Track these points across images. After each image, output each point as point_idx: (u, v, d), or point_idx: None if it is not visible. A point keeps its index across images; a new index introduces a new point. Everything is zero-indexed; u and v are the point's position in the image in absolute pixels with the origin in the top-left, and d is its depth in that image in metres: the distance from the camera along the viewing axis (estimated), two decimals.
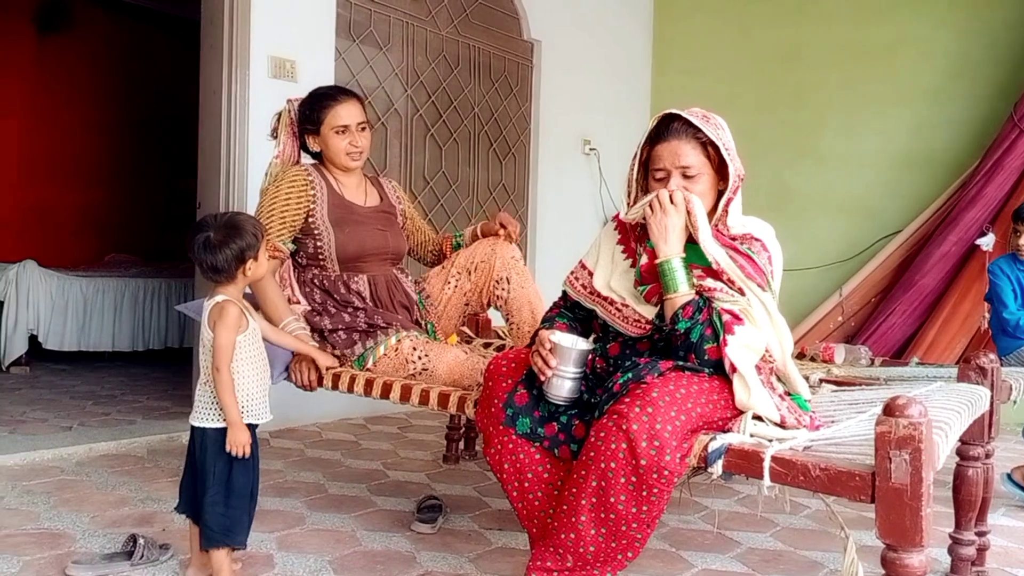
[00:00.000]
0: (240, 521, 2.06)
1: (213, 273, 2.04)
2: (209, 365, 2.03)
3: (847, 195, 5.64)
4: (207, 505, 2.02)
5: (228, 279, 2.05)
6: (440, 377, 2.37)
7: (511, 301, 2.59)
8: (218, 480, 2.03)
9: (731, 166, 1.85)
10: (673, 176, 1.87)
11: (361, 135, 2.61)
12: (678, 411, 1.63)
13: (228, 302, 2.03)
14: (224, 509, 2.03)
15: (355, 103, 2.62)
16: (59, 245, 7.20)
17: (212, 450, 2.03)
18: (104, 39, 7.63)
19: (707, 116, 1.88)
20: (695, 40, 6.30)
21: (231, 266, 2.03)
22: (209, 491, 2.02)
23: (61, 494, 2.87)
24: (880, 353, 4.28)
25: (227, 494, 2.03)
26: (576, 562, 1.72)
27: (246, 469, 2.07)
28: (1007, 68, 5.12)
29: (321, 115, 2.59)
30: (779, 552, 2.55)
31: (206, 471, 2.03)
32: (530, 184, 5.53)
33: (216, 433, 2.04)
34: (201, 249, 2.01)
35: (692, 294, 1.81)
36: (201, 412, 2.06)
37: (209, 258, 2.01)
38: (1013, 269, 3.57)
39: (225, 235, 2.02)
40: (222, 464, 2.04)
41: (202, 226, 2.05)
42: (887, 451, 1.37)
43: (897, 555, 1.39)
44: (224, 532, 2.03)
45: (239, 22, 3.83)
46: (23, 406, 4.28)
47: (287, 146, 2.67)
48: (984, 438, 2.22)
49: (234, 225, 2.05)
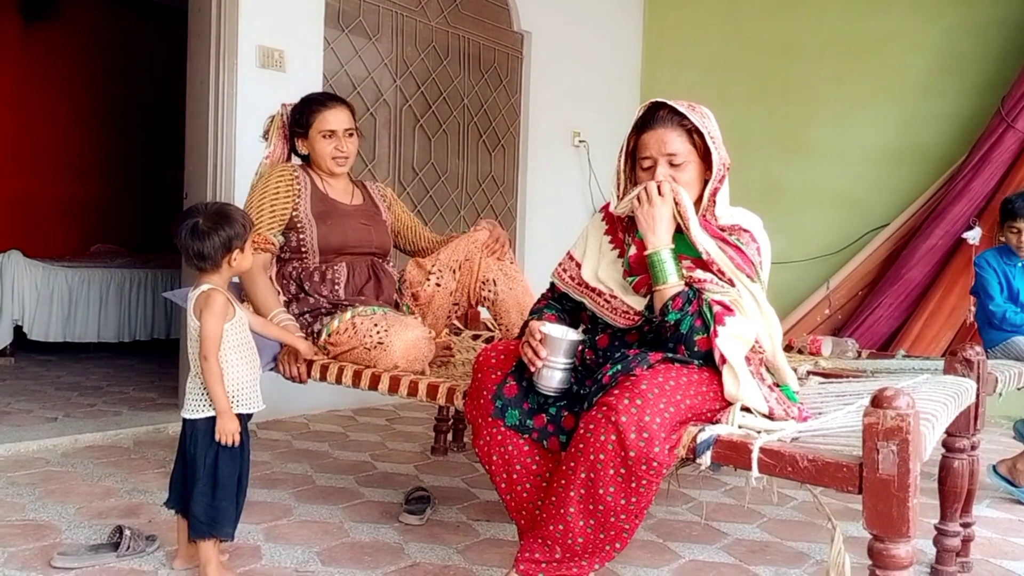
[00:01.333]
0: (227, 512, 2.05)
1: (198, 260, 2.03)
2: (197, 355, 2.02)
3: (835, 188, 5.65)
4: (195, 496, 2.01)
5: (213, 267, 2.04)
6: (394, 353, 2.35)
7: (499, 303, 2.61)
8: (206, 471, 2.02)
9: (715, 155, 1.84)
10: (660, 164, 1.87)
11: (348, 140, 2.67)
12: (667, 403, 1.63)
13: (214, 290, 2.02)
14: (211, 500, 2.02)
15: (344, 110, 2.68)
16: (44, 235, 7.14)
17: (202, 441, 2.03)
18: (91, 28, 7.55)
19: (693, 106, 1.88)
20: (685, 32, 6.30)
21: (217, 254, 2.02)
22: (198, 482, 2.02)
23: (46, 485, 2.85)
24: (867, 346, 4.31)
25: (214, 485, 2.03)
26: (564, 553, 1.72)
27: (233, 459, 2.06)
28: (995, 63, 5.14)
29: (310, 119, 2.64)
30: (766, 543, 2.56)
31: (196, 462, 2.03)
32: (519, 176, 5.52)
33: (205, 423, 2.03)
34: (188, 235, 2.01)
35: (681, 285, 1.80)
36: (191, 403, 2.05)
37: (196, 244, 2.01)
38: (999, 262, 3.59)
39: (214, 223, 2.02)
40: (211, 455, 2.03)
41: (191, 213, 2.05)
42: (875, 442, 1.38)
43: (884, 546, 1.40)
44: (211, 523, 2.02)
45: (227, 11, 3.79)
46: (8, 397, 4.25)
47: (277, 148, 2.73)
48: (970, 430, 2.24)
49: (223, 214, 2.05)
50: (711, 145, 1.84)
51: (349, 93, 4.37)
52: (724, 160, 1.87)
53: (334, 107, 2.65)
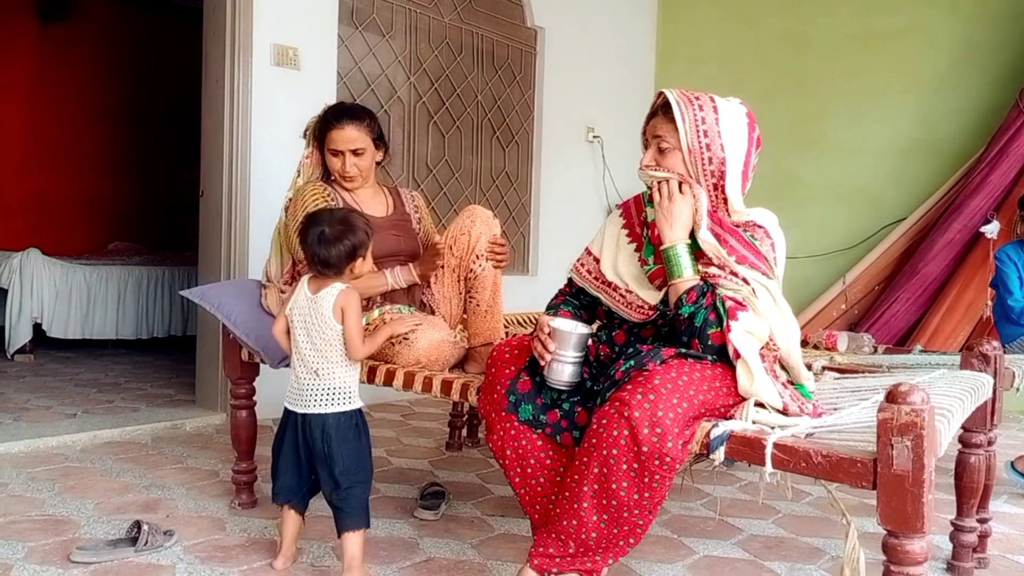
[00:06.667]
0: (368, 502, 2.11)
1: (323, 267, 2.07)
2: (329, 353, 2.06)
3: (852, 183, 5.62)
4: (342, 490, 2.04)
5: (336, 274, 2.09)
6: (418, 350, 2.34)
7: (480, 278, 2.53)
8: (348, 463, 2.06)
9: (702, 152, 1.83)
10: (650, 147, 1.90)
11: (356, 159, 2.64)
12: (680, 398, 1.63)
13: (351, 289, 2.09)
14: (362, 490, 2.07)
15: (354, 128, 2.63)
16: (63, 233, 7.21)
17: (338, 435, 2.06)
18: (107, 26, 7.61)
19: (693, 98, 1.86)
20: (699, 28, 6.28)
21: (342, 262, 2.07)
22: (343, 475, 2.04)
23: (65, 481, 2.88)
24: (883, 341, 4.28)
25: (364, 475, 2.09)
26: (578, 548, 1.73)
27: (367, 453, 2.12)
28: (1013, 55, 5.09)
29: (323, 134, 2.66)
30: (781, 539, 2.56)
31: (332, 457, 2.05)
32: (533, 172, 5.52)
33: (342, 417, 2.07)
34: (316, 242, 2.05)
35: (696, 279, 1.81)
36: (321, 399, 2.07)
37: (323, 251, 2.05)
38: (1020, 255, 3.56)
39: (340, 231, 2.06)
40: (350, 447, 2.07)
41: (317, 220, 2.09)
42: (889, 438, 1.37)
43: (898, 541, 1.39)
44: (364, 511, 2.07)
45: (241, 9, 3.81)
46: (27, 394, 4.29)
47: (315, 150, 2.73)
48: (986, 425, 2.22)
49: (349, 223, 2.09)
50: (699, 140, 1.83)
51: (363, 91, 4.39)
52: (719, 156, 1.84)
53: (343, 125, 2.61)
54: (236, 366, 2.68)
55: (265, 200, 3.84)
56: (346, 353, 2.08)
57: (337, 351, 2.07)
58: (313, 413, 2.07)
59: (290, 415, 2.12)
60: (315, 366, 2.07)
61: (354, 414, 2.10)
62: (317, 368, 2.07)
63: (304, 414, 2.08)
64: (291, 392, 2.12)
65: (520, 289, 4.74)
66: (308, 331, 2.08)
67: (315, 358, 2.07)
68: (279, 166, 3.81)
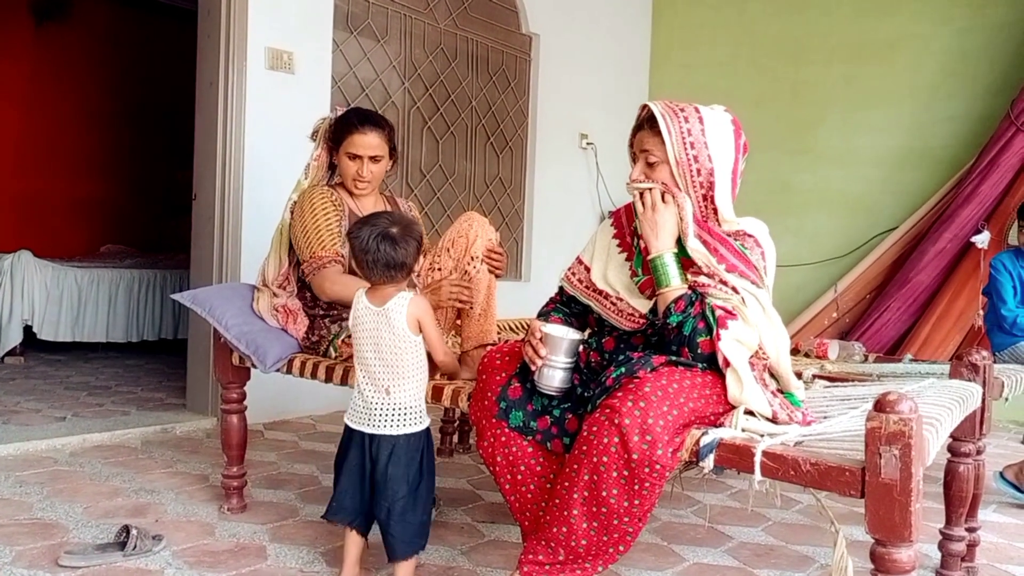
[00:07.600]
0: (428, 525, 2.04)
1: (392, 269, 1.94)
2: (402, 368, 1.96)
3: (844, 191, 5.64)
4: (400, 514, 1.97)
5: (404, 275, 1.97)
6: None
7: (475, 280, 2.52)
8: (410, 487, 1.98)
9: (690, 163, 1.84)
10: (639, 162, 1.91)
11: (373, 165, 2.67)
12: (670, 406, 1.63)
13: (420, 296, 2.01)
14: (421, 516, 1.99)
15: (376, 134, 2.66)
16: (54, 235, 7.18)
17: (405, 458, 1.98)
18: (102, 28, 7.60)
19: (678, 109, 1.86)
20: (694, 35, 6.30)
21: (412, 260, 1.96)
22: (401, 500, 1.97)
23: (54, 484, 2.87)
24: (874, 350, 4.30)
25: (421, 500, 2.00)
26: (568, 555, 1.73)
27: (432, 473, 2.04)
28: (1005, 66, 5.12)
29: (342, 136, 2.66)
30: (770, 546, 2.56)
31: (396, 479, 1.97)
32: (527, 178, 5.53)
33: (412, 439, 1.99)
34: (384, 244, 1.92)
35: (684, 288, 1.81)
36: (392, 420, 1.98)
37: (390, 251, 1.92)
38: (1015, 265, 3.56)
39: (404, 229, 1.95)
40: (414, 470, 1.99)
41: (373, 223, 1.97)
42: (877, 447, 1.38)
43: (886, 550, 1.40)
44: (421, 538, 2.01)
45: (236, 13, 3.82)
46: (17, 396, 4.27)
47: (323, 152, 2.74)
48: (976, 435, 2.23)
49: (406, 221, 1.99)
50: (685, 152, 1.83)
51: (357, 96, 4.39)
52: (707, 167, 1.84)
53: (365, 131, 2.64)
54: (227, 370, 2.68)
55: (258, 204, 3.84)
56: (434, 359, 2.01)
57: (411, 365, 1.97)
58: (384, 435, 1.97)
59: (354, 433, 2.02)
60: (386, 383, 1.97)
61: (423, 434, 2.02)
62: (388, 386, 1.97)
63: (373, 435, 1.99)
64: (355, 411, 2.02)
65: (512, 295, 4.72)
66: (378, 347, 1.96)
67: (386, 375, 1.97)
68: (272, 170, 3.81)
